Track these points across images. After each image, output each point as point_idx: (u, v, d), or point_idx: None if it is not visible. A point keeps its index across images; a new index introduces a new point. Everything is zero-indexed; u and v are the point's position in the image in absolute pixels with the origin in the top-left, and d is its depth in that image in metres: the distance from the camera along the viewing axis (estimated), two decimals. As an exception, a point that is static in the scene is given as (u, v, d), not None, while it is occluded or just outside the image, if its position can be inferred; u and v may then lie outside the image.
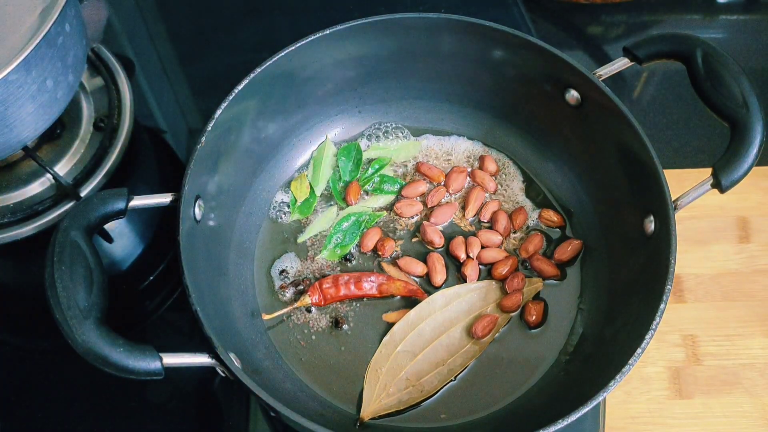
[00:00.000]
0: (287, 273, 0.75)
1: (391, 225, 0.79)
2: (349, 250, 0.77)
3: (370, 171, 0.81)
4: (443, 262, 0.75)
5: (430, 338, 0.71)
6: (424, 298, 0.73)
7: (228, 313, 0.70)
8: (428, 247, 0.77)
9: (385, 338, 0.71)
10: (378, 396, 0.69)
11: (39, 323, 0.77)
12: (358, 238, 0.77)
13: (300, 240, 0.77)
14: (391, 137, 0.83)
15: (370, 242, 0.76)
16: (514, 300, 0.73)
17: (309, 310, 0.73)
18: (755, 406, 0.73)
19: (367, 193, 0.80)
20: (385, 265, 0.76)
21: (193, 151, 0.67)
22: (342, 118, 0.83)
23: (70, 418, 0.75)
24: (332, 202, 0.80)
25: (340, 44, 0.75)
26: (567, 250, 0.75)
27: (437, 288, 0.74)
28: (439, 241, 0.76)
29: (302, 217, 0.79)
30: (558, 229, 0.78)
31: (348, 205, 0.79)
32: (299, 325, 0.73)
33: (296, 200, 0.79)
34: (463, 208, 0.79)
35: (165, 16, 1.01)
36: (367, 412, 0.68)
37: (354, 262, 0.76)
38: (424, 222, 0.77)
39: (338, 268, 0.76)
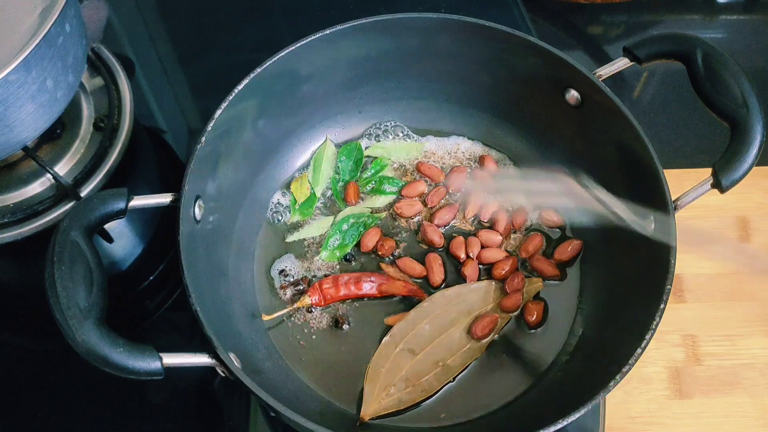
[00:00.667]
0: (287, 273, 0.75)
1: (391, 225, 0.79)
2: (349, 251, 0.77)
3: (370, 171, 0.81)
4: (441, 262, 0.75)
5: (430, 338, 0.71)
6: (424, 297, 0.73)
7: (228, 313, 0.70)
8: (429, 247, 0.77)
9: (385, 338, 0.71)
10: (378, 396, 0.69)
11: (39, 323, 0.77)
12: (357, 239, 0.77)
13: (288, 240, 0.77)
14: (391, 137, 0.83)
15: (370, 242, 0.76)
16: (514, 300, 0.73)
17: (309, 311, 0.73)
18: (755, 406, 0.73)
19: (367, 193, 0.80)
20: (384, 266, 0.76)
21: (193, 151, 0.67)
22: (342, 118, 0.83)
23: (70, 418, 0.75)
24: (329, 212, 0.79)
25: (340, 44, 0.75)
26: (567, 250, 0.75)
27: (436, 288, 0.74)
28: (439, 241, 0.76)
29: (303, 218, 0.79)
30: (558, 230, 0.78)
31: (348, 206, 0.79)
32: (299, 325, 0.73)
33: (296, 201, 0.79)
34: (464, 208, 0.79)
35: (165, 16, 1.01)
36: (368, 412, 0.68)
37: (354, 263, 0.76)
38: (424, 222, 0.77)
39: (338, 268, 0.76)
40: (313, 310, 0.73)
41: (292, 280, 0.75)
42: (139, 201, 0.63)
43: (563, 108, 0.75)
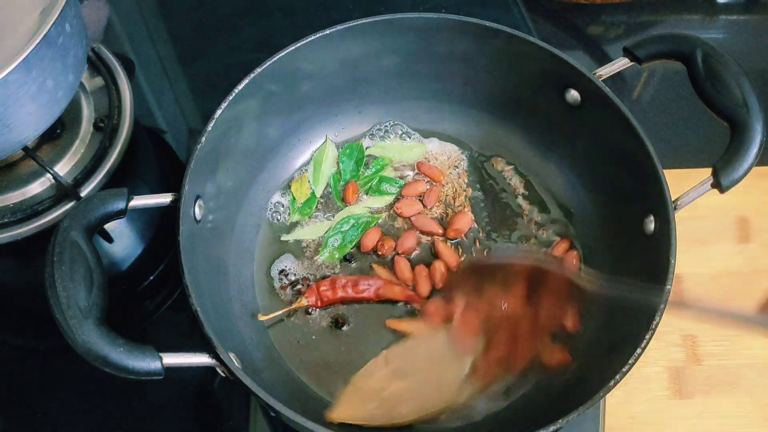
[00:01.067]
0: (287, 273, 0.75)
1: (391, 225, 0.78)
2: (349, 251, 0.76)
3: (370, 171, 0.81)
4: (426, 274, 0.74)
5: (423, 367, 0.68)
6: (421, 303, 0.72)
7: (228, 313, 0.70)
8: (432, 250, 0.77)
9: (381, 353, 0.70)
10: (353, 404, 0.67)
11: (39, 323, 0.77)
12: (357, 239, 0.77)
13: (283, 238, 0.77)
14: (391, 137, 0.83)
15: (369, 242, 0.76)
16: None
17: (308, 312, 0.73)
18: (755, 406, 0.73)
19: (366, 193, 0.80)
20: (375, 266, 0.75)
21: (193, 151, 0.67)
22: (342, 118, 0.82)
23: (70, 418, 0.75)
24: (328, 212, 0.79)
25: (340, 44, 0.75)
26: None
27: (428, 297, 0.73)
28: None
29: (303, 218, 0.79)
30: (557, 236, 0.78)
31: (347, 205, 0.79)
32: (299, 325, 0.73)
33: (296, 201, 0.79)
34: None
35: (165, 16, 1.01)
36: (336, 414, 0.66)
37: (354, 264, 0.76)
38: (396, 257, 0.76)
39: (338, 268, 0.76)
40: (312, 311, 0.73)
41: (292, 280, 0.75)
42: (139, 201, 0.63)
43: (563, 108, 0.75)
